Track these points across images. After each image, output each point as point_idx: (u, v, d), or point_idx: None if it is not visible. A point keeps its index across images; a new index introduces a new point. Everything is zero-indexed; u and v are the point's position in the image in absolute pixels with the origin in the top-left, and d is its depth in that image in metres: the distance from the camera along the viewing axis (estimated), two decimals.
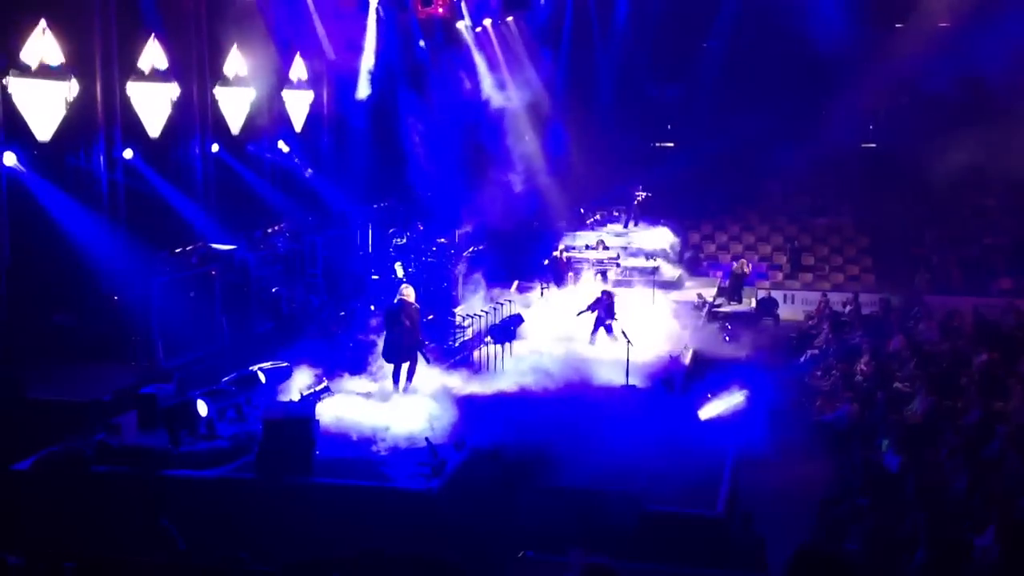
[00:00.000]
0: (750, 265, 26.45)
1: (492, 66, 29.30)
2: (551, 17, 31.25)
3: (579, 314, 19.41)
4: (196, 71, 20.56)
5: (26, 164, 16.61)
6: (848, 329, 21.87)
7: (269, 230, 22.48)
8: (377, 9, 25.56)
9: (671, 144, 30.96)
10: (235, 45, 21.85)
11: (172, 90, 19.86)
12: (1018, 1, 23.97)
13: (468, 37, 29.01)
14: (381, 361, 16.17)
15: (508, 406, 15.37)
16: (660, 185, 28.60)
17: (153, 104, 19.55)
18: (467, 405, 15.19)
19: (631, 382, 16.71)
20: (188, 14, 20.33)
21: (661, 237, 27.71)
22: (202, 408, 13.90)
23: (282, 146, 23.99)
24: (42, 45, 16.68)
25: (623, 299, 20.46)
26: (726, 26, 29.70)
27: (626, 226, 28.59)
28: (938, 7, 26.35)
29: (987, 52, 23.90)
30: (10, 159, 16.29)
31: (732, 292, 25.22)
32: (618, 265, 25.06)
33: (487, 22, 29.58)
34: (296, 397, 14.78)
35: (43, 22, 16.63)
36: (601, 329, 19.21)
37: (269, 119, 23.29)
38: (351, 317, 19.78)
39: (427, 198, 26.55)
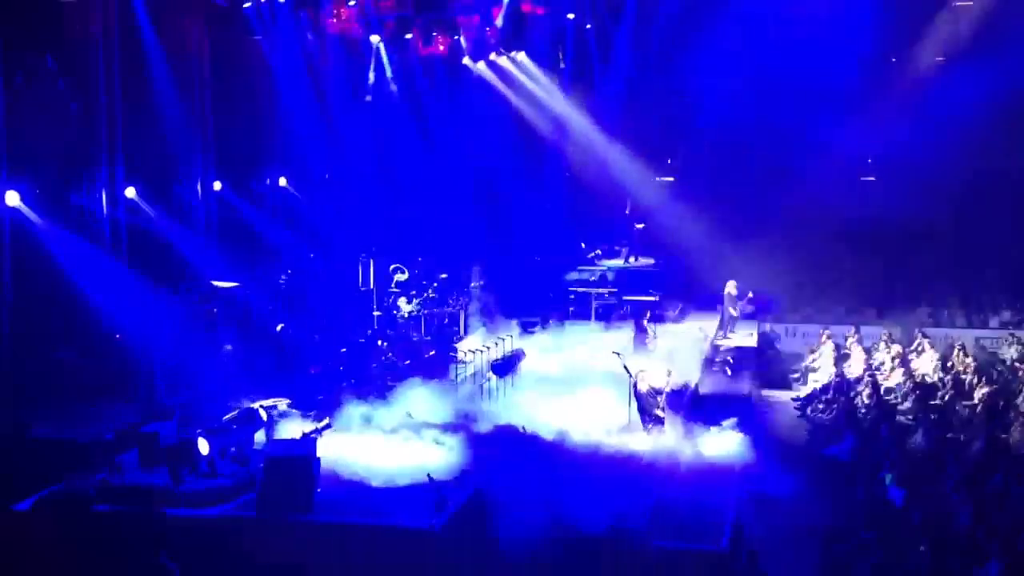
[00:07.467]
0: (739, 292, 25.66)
1: (496, 100, 29.39)
2: (549, 53, 31.31)
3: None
4: (199, 102, 20.68)
5: (29, 202, 16.68)
6: (850, 362, 21.84)
7: (271, 266, 22.50)
8: (378, 48, 25.77)
9: (671, 179, 31.07)
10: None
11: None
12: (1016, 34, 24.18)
13: (487, 73, 29.06)
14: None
15: (509, 442, 15.30)
16: (661, 217, 28.66)
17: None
18: (469, 441, 15.14)
19: (633, 416, 16.63)
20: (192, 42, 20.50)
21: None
22: (203, 446, 13.87)
23: (283, 182, 24.06)
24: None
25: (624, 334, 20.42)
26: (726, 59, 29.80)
27: (627, 259, 28.60)
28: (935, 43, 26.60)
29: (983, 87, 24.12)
30: (13, 198, 16.37)
31: (722, 319, 24.61)
32: (618, 299, 25.02)
33: (494, 57, 29.62)
34: (298, 434, 14.74)
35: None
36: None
37: (270, 154, 23.43)
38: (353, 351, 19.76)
39: (427, 232, 26.58)
